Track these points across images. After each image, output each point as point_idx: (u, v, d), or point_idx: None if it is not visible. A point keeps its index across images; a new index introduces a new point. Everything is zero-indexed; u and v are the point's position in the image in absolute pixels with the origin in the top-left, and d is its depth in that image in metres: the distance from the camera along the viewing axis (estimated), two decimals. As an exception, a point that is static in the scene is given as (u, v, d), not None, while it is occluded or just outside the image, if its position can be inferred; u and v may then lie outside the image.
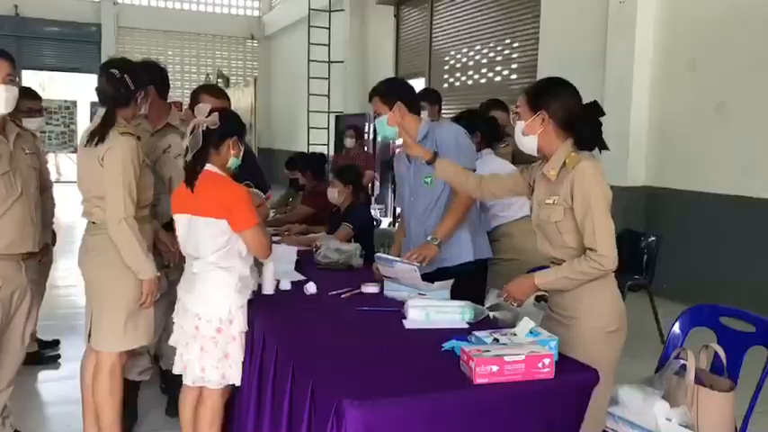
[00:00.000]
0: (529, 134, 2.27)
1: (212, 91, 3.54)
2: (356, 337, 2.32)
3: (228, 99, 3.54)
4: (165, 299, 3.17)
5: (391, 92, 2.99)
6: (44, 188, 3.11)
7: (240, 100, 12.89)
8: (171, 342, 2.65)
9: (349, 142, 7.02)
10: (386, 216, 9.13)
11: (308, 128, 12.51)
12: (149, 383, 3.48)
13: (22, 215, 2.65)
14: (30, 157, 2.77)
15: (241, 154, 2.66)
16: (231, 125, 2.62)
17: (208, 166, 2.54)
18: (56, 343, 4.35)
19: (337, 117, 11.72)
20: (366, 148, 7.38)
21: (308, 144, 12.32)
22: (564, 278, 2.21)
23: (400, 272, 2.80)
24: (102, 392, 2.75)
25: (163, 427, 3.31)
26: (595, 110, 2.23)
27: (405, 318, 2.49)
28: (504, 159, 3.63)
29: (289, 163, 5.26)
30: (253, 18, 17.57)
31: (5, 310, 2.69)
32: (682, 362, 2.29)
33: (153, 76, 3.16)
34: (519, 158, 3.51)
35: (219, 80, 15.01)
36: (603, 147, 2.24)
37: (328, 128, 12.20)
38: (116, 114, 2.69)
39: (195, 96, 3.46)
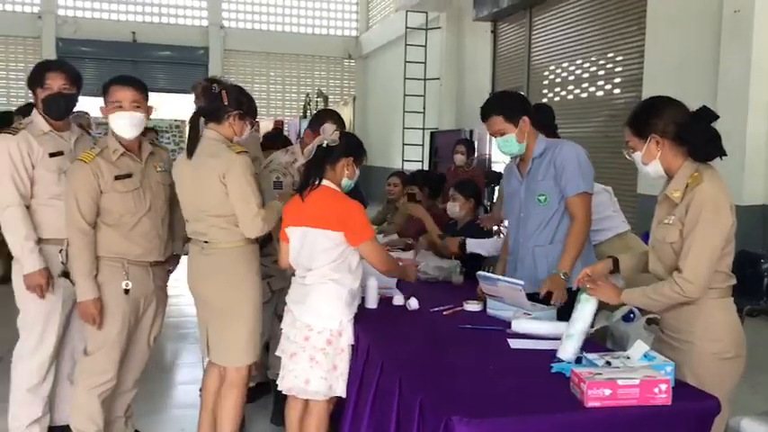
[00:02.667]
0: (649, 162, 2.20)
1: (333, 117, 3.53)
2: (462, 355, 2.32)
3: (344, 125, 3.59)
4: (269, 307, 3.29)
5: (515, 109, 2.84)
6: (176, 201, 3.29)
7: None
8: (277, 352, 2.74)
9: (459, 159, 6.60)
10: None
11: (403, 144, 12.64)
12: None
13: (149, 228, 2.84)
14: (161, 174, 2.95)
15: (355, 177, 2.72)
16: (350, 146, 2.71)
17: (325, 182, 2.64)
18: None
19: (432, 134, 11.78)
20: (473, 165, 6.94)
21: (403, 161, 12.43)
22: (645, 296, 2.15)
23: (504, 290, 2.77)
24: (227, 405, 2.83)
25: (268, 436, 3.42)
26: (706, 114, 2.12)
27: (510, 337, 2.47)
28: None
29: (410, 177, 5.29)
30: (350, 38, 18.01)
31: (135, 311, 2.89)
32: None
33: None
34: None
35: (319, 99, 15.44)
36: (722, 153, 2.11)
37: (423, 144, 12.27)
38: (205, 126, 2.79)
39: (317, 119, 3.54)
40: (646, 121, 2.20)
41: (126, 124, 2.77)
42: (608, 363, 2.02)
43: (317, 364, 2.55)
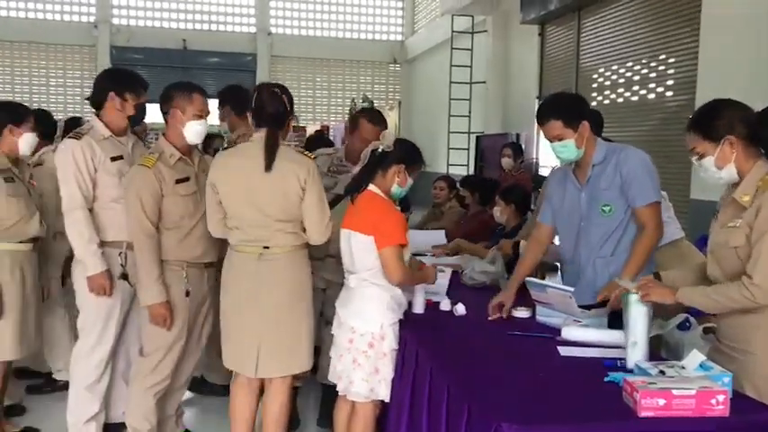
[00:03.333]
0: (724, 165, 2.12)
1: (369, 115, 3.59)
2: (510, 362, 2.30)
3: (385, 124, 3.59)
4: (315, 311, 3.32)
5: (574, 113, 2.68)
6: None
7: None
8: (330, 353, 2.77)
9: (506, 162, 6.40)
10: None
11: (448, 149, 12.60)
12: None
13: (204, 230, 2.89)
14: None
15: (407, 185, 2.70)
16: (403, 153, 2.69)
17: (371, 187, 2.65)
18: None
19: (477, 138, 11.72)
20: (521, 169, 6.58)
21: (448, 165, 12.40)
22: (706, 297, 2.09)
23: (553, 297, 2.74)
24: (279, 412, 2.82)
25: (315, 437, 3.45)
26: None
27: (560, 344, 2.44)
28: None
29: (461, 181, 5.28)
30: (395, 43, 18.06)
31: (192, 310, 2.96)
32: None
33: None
34: None
35: (364, 104, 15.53)
36: None
37: (468, 148, 12.22)
38: (278, 134, 2.71)
39: (354, 120, 3.59)
40: (716, 123, 2.12)
41: (202, 132, 2.92)
42: (662, 372, 1.97)
43: (358, 366, 2.58)
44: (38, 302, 3.25)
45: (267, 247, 2.71)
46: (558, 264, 3.23)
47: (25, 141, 3.13)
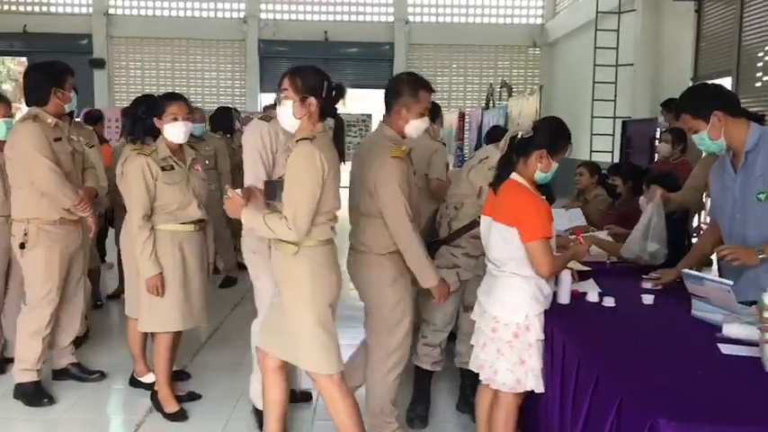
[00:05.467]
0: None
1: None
2: (665, 356, 2.19)
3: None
4: (456, 297, 3.35)
5: (701, 105, 2.61)
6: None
7: (524, 108, 12.96)
8: (472, 341, 2.78)
9: (663, 149, 5.74)
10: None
11: (591, 135, 12.09)
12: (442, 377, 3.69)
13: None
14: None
15: (551, 170, 2.62)
16: (544, 138, 2.60)
17: (513, 175, 2.61)
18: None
19: (624, 123, 11.13)
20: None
21: (591, 151, 11.89)
22: None
23: (711, 291, 2.56)
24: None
25: (452, 421, 3.49)
26: None
27: (721, 341, 2.28)
28: None
29: (612, 168, 5.00)
30: (535, 26, 17.55)
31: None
32: None
33: None
34: None
35: (503, 89, 15.28)
36: None
37: (613, 134, 11.64)
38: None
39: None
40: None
41: (423, 127, 3.01)
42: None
43: (502, 356, 2.56)
44: (203, 278, 3.49)
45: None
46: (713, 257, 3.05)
47: (179, 129, 3.33)
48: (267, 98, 14.32)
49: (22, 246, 3.54)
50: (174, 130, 3.35)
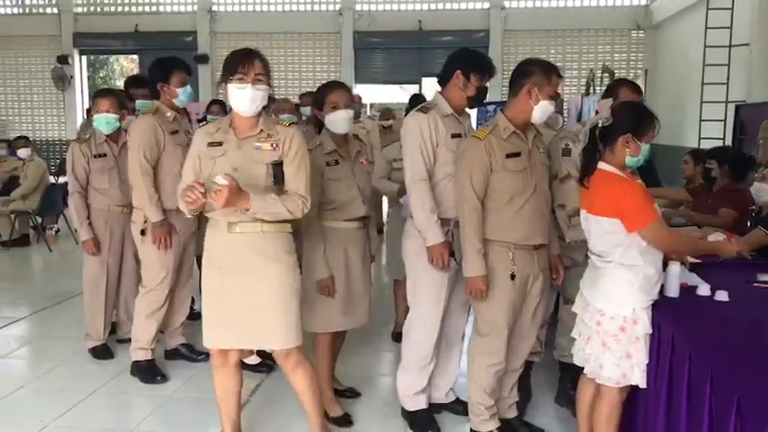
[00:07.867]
0: None
1: (630, 86, 3.40)
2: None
3: (641, 92, 3.38)
4: (553, 291, 3.26)
5: None
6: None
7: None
8: (573, 334, 2.71)
9: None
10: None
11: (700, 120, 11.42)
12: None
13: (533, 210, 2.86)
14: (544, 155, 3.00)
15: (641, 152, 2.48)
16: (623, 121, 2.48)
17: (602, 165, 2.51)
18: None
19: (737, 107, 10.43)
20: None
21: (699, 138, 11.24)
22: None
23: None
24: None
25: (551, 414, 3.42)
26: None
27: None
28: None
29: (709, 152, 4.73)
30: (639, 8, 16.72)
31: (521, 295, 2.93)
32: None
33: None
34: None
35: (605, 74, 14.70)
36: None
37: (725, 120, 10.95)
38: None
39: (608, 90, 3.44)
40: None
41: (551, 110, 2.88)
42: None
43: (608, 350, 2.49)
44: (366, 276, 3.34)
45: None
46: None
47: (340, 118, 3.16)
48: (362, 90, 14.45)
49: (143, 232, 3.75)
50: (336, 120, 3.16)
